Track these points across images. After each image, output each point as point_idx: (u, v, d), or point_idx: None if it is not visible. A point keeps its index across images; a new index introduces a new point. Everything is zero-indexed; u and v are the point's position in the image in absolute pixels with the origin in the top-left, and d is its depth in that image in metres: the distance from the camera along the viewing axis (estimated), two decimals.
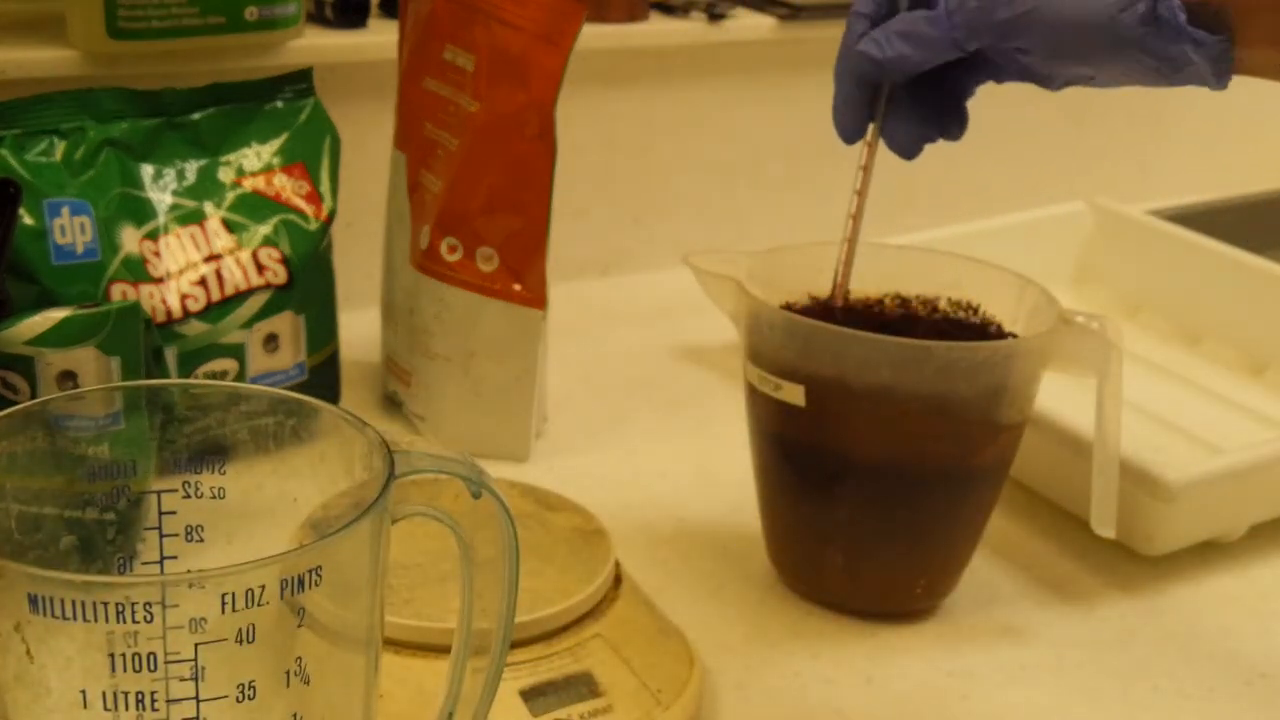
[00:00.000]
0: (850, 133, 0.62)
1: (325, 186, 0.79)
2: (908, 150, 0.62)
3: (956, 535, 0.67)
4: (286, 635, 0.38)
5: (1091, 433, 0.64)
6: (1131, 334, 0.81)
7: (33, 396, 0.64)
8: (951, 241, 0.81)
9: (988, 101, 1.21)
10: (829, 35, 1.08)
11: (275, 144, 0.79)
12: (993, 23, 0.55)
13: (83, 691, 0.37)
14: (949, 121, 0.62)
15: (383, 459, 0.41)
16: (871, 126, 0.62)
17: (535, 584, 0.57)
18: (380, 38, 0.91)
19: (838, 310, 0.66)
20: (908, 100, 0.61)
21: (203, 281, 0.74)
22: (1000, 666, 0.65)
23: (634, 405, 0.88)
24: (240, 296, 0.75)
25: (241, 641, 0.37)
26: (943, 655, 0.65)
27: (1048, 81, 0.57)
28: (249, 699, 0.38)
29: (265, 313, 0.76)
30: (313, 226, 0.78)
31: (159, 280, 0.73)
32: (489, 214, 0.76)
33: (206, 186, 0.76)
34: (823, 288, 0.69)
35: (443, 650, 0.49)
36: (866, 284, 0.69)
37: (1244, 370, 0.94)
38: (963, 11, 0.56)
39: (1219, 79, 0.53)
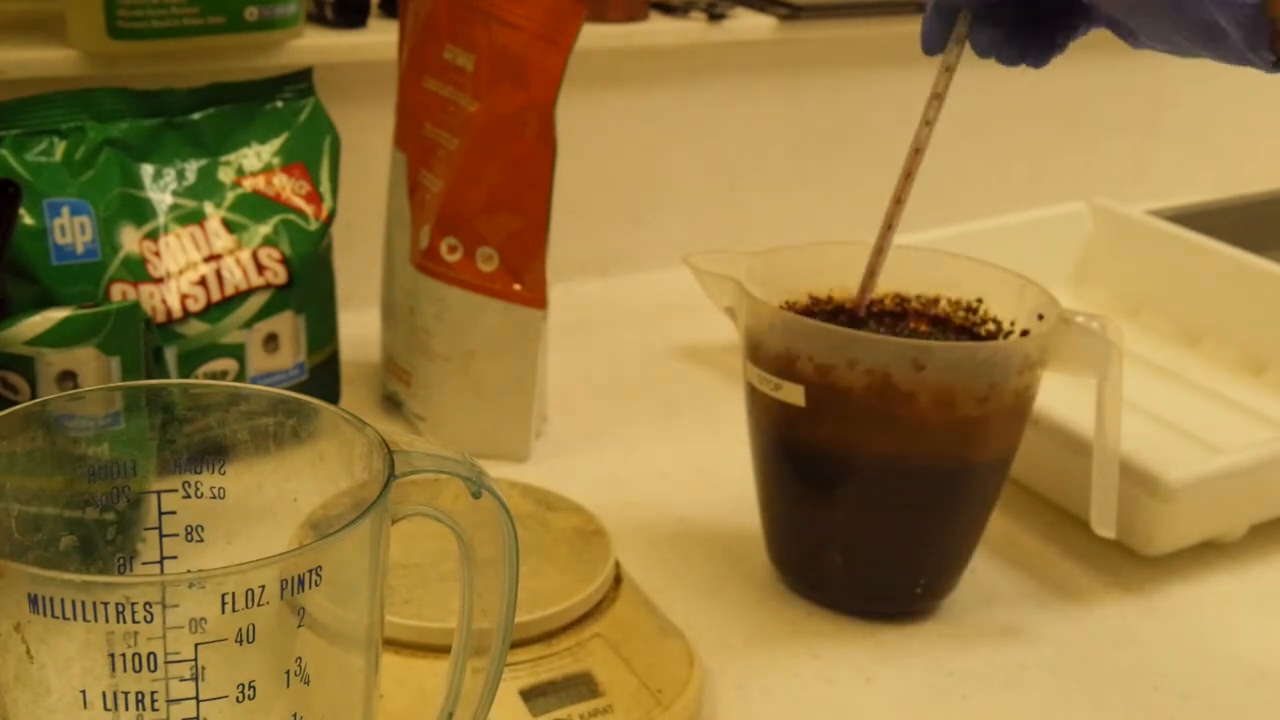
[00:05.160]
0: (931, 44, 0.61)
1: (325, 186, 0.79)
2: (993, 53, 0.60)
3: (956, 535, 0.67)
4: (286, 635, 0.38)
5: (1091, 433, 0.64)
6: (1131, 334, 0.81)
7: (33, 396, 0.64)
8: (951, 241, 0.81)
9: (987, 102, 1.21)
10: (829, 35, 1.10)
11: (275, 144, 0.79)
12: None
13: (83, 691, 0.37)
14: (1036, 48, 0.60)
15: (383, 459, 0.41)
16: (921, 129, 0.61)
17: (535, 584, 0.57)
18: (380, 38, 0.91)
19: (861, 315, 0.66)
20: (993, 28, 0.59)
21: (203, 281, 0.74)
22: (1000, 666, 0.65)
23: (634, 405, 0.88)
24: (240, 296, 0.75)
25: (241, 641, 0.37)
26: (943, 655, 0.65)
27: (1129, 36, 0.54)
28: (249, 699, 0.38)
29: (265, 313, 0.76)
30: (313, 226, 0.78)
31: (159, 280, 0.73)
32: (489, 214, 0.76)
33: (206, 186, 0.76)
34: (822, 288, 0.69)
35: (443, 650, 0.49)
36: None
37: (1244, 370, 0.94)
38: None
39: (1254, 52, 0.48)
